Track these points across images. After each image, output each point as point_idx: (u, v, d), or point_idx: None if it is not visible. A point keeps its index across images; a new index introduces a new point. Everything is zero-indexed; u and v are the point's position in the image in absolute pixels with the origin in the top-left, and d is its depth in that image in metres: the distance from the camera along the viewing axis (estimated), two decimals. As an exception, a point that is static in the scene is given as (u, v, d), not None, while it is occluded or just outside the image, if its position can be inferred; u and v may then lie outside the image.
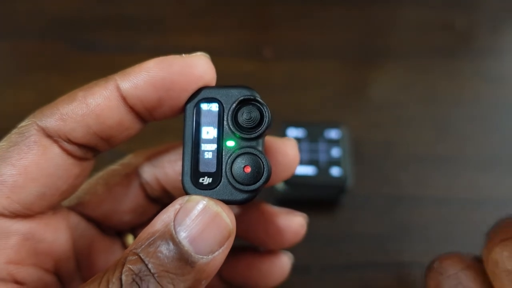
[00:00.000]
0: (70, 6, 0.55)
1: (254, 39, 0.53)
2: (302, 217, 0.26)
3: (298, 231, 0.26)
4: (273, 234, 0.26)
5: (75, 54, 0.51)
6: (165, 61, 0.20)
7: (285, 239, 0.26)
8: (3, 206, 0.19)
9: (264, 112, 0.19)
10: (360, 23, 0.55)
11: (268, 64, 0.51)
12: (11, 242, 0.20)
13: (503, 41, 0.54)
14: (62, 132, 0.20)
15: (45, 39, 0.52)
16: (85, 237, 0.24)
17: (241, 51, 0.52)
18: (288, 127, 0.41)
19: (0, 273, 0.19)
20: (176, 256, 0.17)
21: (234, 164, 0.19)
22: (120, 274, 0.17)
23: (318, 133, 0.41)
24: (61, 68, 0.50)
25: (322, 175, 0.39)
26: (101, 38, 0.52)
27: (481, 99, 0.49)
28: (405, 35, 0.54)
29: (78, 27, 0.53)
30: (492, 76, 0.51)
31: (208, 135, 0.20)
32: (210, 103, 0.20)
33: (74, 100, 0.20)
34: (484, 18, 0.55)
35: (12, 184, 0.19)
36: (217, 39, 0.53)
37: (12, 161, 0.19)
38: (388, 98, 0.49)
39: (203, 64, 0.20)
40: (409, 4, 0.57)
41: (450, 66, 0.52)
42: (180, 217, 0.18)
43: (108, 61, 0.50)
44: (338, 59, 0.51)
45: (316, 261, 0.38)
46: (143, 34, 0.53)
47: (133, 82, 0.20)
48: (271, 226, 0.25)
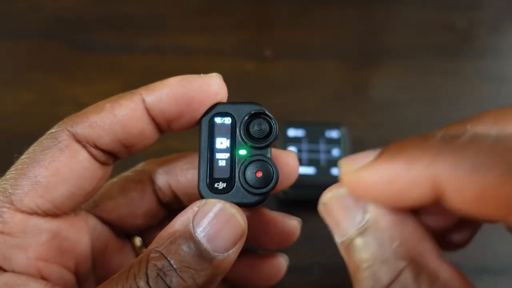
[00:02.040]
0: (70, 6, 0.55)
1: (254, 39, 0.53)
2: (297, 221, 0.29)
3: (293, 232, 0.28)
4: (271, 236, 0.28)
5: (75, 54, 0.51)
6: (186, 79, 0.22)
7: (282, 240, 0.28)
8: (37, 205, 0.21)
9: (273, 124, 0.22)
10: (360, 23, 0.55)
11: (268, 64, 0.51)
12: (42, 239, 0.22)
13: (504, 41, 0.54)
14: (90, 139, 0.22)
15: (44, 39, 0.52)
16: (101, 239, 0.26)
17: (241, 51, 0.52)
18: (288, 127, 0.41)
19: (30, 269, 0.21)
20: (196, 253, 0.19)
21: (247, 170, 0.22)
22: (146, 269, 0.19)
23: (318, 133, 0.41)
24: (61, 68, 0.50)
25: (322, 175, 0.39)
26: (101, 38, 0.52)
27: (481, 99, 0.49)
28: (405, 35, 0.54)
29: (78, 27, 0.53)
30: (493, 76, 0.51)
31: (221, 145, 0.23)
32: (224, 117, 0.23)
33: (102, 110, 0.22)
34: (484, 18, 0.55)
35: (45, 184, 0.21)
36: (217, 38, 0.53)
37: (45, 163, 0.21)
38: (388, 98, 0.49)
39: (218, 83, 0.23)
40: (409, 4, 0.57)
41: (450, 66, 0.52)
42: (198, 218, 0.20)
43: (108, 61, 0.50)
44: (338, 59, 0.51)
45: (316, 261, 0.38)
46: (143, 34, 0.53)
47: (157, 96, 0.22)
48: (269, 228, 0.28)
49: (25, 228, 0.21)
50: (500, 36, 0.54)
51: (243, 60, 0.51)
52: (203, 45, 0.52)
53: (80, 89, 0.48)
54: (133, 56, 0.51)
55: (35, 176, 0.21)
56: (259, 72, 0.50)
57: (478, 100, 0.49)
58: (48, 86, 0.48)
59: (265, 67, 0.51)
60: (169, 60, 0.50)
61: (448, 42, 0.53)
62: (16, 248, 0.21)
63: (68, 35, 0.52)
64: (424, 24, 0.55)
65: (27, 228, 0.21)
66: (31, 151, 0.22)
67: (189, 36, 0.53)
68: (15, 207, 0.21)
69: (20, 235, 0.21)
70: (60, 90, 0.48)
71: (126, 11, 0.55)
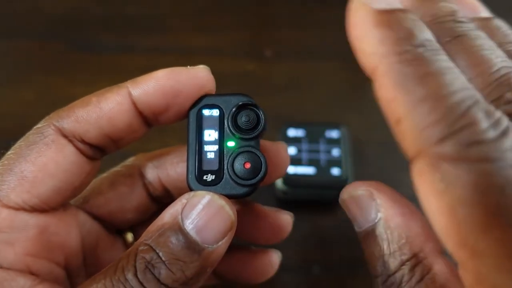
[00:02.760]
0: (70, 6, 0.55)
1: (254, 39, 0.53)
2: (289, 215, 0.28)
3: (285, 227, 0.28)
4: (263, 230, 0.28)
5: (75, 54, 0.51)
6: (173, 71, 0.22)
7: (274, 234, 0.28)
8: (23, 201, 0.21)
9: (260, 115, 0.22)
10: (360, 23, 0.55)
11: (268, 64, 0.51)
12: (29, 234, 0.21)
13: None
14: (77, 133, 0.22)
15: (45, 39, 0.52)
16: (91, 234, 0.26)
17: (241, 51, 0.52)
18: (288, 127, 0.41)
19: (18, 264, 0.21)
20: (184, 245, 0.19)
21: (235, 161, 0.22)
22: (134, 262, 0.19)
23: (318, 133, 0.41)
24: (61, 68, 0.50)
25: (322, 175, 0.39)
26: (101, 38, 0.52)
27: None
28: (405, 35, 0.54)
29: (78, 27, 0.53)
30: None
31: (210, 137, 0.22)
32: (212, 109, 0.23)
33: (88, 104, 0.22)
34: (484, 18, 0.55)
35: (32, 179, 0.21)
36: (217, 39, 0.53)
37: (32, 158, 0.21)
38: (388, 98, 0.49)
39: (205, 75, 0.23)
40: (409, 4, 0.56)
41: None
42: (187, 210, 0.20)
43: (108, 61, 0.50)
44: (338, 59, 0.51)
45: (316, 261, 0.38)
46: (143, 34, 0.53)
47: (144, 89, 0.22)
48: (261, 223, 0.28)
49: (12, 224, 0.21)
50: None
51: (243, 60, 0.51)
52: (203, 45, 0.52)
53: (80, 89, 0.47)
54: (133, 56, 0.51)
55: (21, 171, 0.21)
56: (259, 72, 0.50)
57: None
58: (48, 86, 0.48)
59: (265, 67, 0.51)
60: (169, 60, 0.50)
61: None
62: (4, 243, 0.21)
63: (68, 35, 0.52)
64: (424, 24, 0.55)
65: (14, 224, 0.21)
66: (17, 147, 0.22)
67: (189, 36, 0.53)
68: (1, 203, 0.21)
69: (7, 230, 0.21)
70: (60, 90, 0.48)
71: (126, 11, 0.55)
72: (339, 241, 0.39)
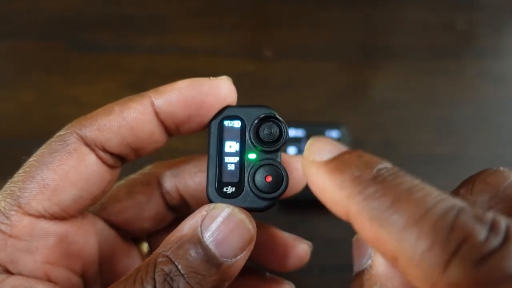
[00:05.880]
0: (70, 6, 0.55)
1: (254, 38, 0.53)
2: (307, 245, 0.28)
3: (303, 257, 0.28)
4: (279, 257, 0.28)
5: (75, 54, 0.51)
6: (196, 82, 0.22)
7: (290, 263, 0.28)
8: (44, 208, 0.21)
9: (283, 128, 0.22)
10: (360, 23, 0.55)
11: (268, 64, 0.51)
12: (49, 242, 0.21)
13: (505, 41, 0.54)
14: (99, 142, 0.22)
15: (45, 39, 0.52)
16: (108, 242, 0.26)
17: (241, 50, 0.52)
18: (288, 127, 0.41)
19: (37, 272, 0.21)
20: (203, 258, 0.19)
21: (256, 174, 0.22)
22: (153, 274, 0.19)
23: (318, 133, 0.41)
24: (61, 68, 0.50)
25: (322, 175, 0.38)
26: (101, 38, 0.52)
27: (482, 99, 0.49)
28: (406, 35, 0.54)
29: (78, 27, 0.53)
30: (493, 76, 0.51)
31: (231, 149, 0.22)
32: (233, 120, 0.23)
33: (111, 113, 0.22)
34: (485, 18, 0.55)
35: (53, 187, 0.21)
36: (217, 38, 0.53)
37: (54, 166, 0.21)
38: (388, 98, 0.49)
39: (228, 86, 0.23)
40: (410, 4, 0.56)
41: (451, 66, 0.51)
42: (207, 222, 0.20)
43: (108, 61, 0.50)
44: (338, 59, 0.51)
45: (316, 261, 0.38)
46: (143, 34, 0.53)
47: (166, 99, 0.22)
48: (278, 249, 0.27)
49: (33, 231, 0.21)
50: (501, 36, 0.54)
51: (243, 60, 0.51)
52: (203, 45, 0.52)
53: (80, 89, 0.48)
54: (133, 56, 0.51)
55: (43, 179, 0.21)
56: (259, 72, 0.50)
57: (479, 100, 0.49)
58: (48, 86, 0.48)
59: (265, 67, 0.51)
60: (169, 60, 0.50)
61: (449, 42, 0.53)
62: (23, 251, 0.21)
63: (68, 35, 0.52)
64: (425, 24, 0.55)
65: (35, 231, 0.21)
66: (40, 154, 0.21)
67: (189, 36, 0.53)
68: (22, 210, 0.21)
69: (27, 238, 0.21)
70: (60, 90, 0.48)
71: (126, 11, 0.55)
72: (339, 242, 0.39)
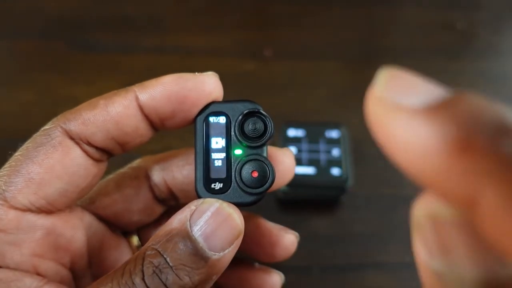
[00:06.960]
0: (70, 6, 0.55)
1: (254, 38, 0.53)
2: (294, 235, 0.28)
3: (289, 247, 0.28)
4: (265, 248, 0.28)
5: (75, 54, 0.51)
6: (181, 77, 0.22)
7: (276, 253, 0.28)
8: (30, 202, 0.21)
9: (267, 122, 0.22)
10: (360, 23, 0.55)
11: (268, 64, 0.51)
12: (36, 236, 0.22)
13: (505, 41, 0.54)
14: (83, 136, 0.22)
15: (45, 39, 0.52)
16: (97, 236, 0.26)
17: (241, 50, 0.52)
18: (288, 127, 0.41)
19: (25, 265, 0.21)
20: (192, 251, 0.19)
21: (243, 170, 0.22)
22: (142, 266, 0.19)
23: (318, 133, 0.41)
24: (61, 68, 0.50)
25: (322, 175, 0.39)
26: (101, 38, 0.52)
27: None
28: (406, 35, 0.54)
29: (78, 27, 0.53)
30: (494, 76, 0.51)
31: (217, 145, 0.22)
32: (218, 116, 0.22)
33: (95, 107, 0.22)
34: (485, 18, 0.55)
35: (39, 181, 0.21)
36: (217, 38, 0.53)
37: (39, 160, 0.21)
38: (388, 98, 0.49)
39: (213, 82, 0.23)
40: (410, 4, 0.56)
41: (451, 66, 0.52)
42: (196, 216, 0.20)
43: (108, 61, 0.50)
44: (338, 59, 0.51)
45: (316, 261, 0.38)
46: (143, 34, 0.53)
47: (151, 94, 0.22)
48: (265, 240, 0.27)
49: (19, 225, 0.21)
50: (501, 36, 0.54)
51: (243, 60, 0.51)
52: (203, 45, 0.52)
53: (80, 89, 0.48)
54: (133, 56, 0.51)
55: (28, 173, 0.21)
56: (259, 72, 0.50)
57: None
58: (48, 86, 0.48)
59: (265, 67, 0.51)
60: (169, 60, 0.50)
61: (449, 42, 0.53)
62: (10, 244, 0.21)
63: (68, 35, 0.52)
64: (425, 24, 0.55)
65: (21, 225, 0.21)
66: (25, 148, 0.22)
67: (189, 36, 0.53)
68: (8, 204, 0.21)
69: (14, 231, 0.21)
70: (60, 90, 0.47)
71: (126, 11, 0.55)
72: (339, 242, 0.39)
